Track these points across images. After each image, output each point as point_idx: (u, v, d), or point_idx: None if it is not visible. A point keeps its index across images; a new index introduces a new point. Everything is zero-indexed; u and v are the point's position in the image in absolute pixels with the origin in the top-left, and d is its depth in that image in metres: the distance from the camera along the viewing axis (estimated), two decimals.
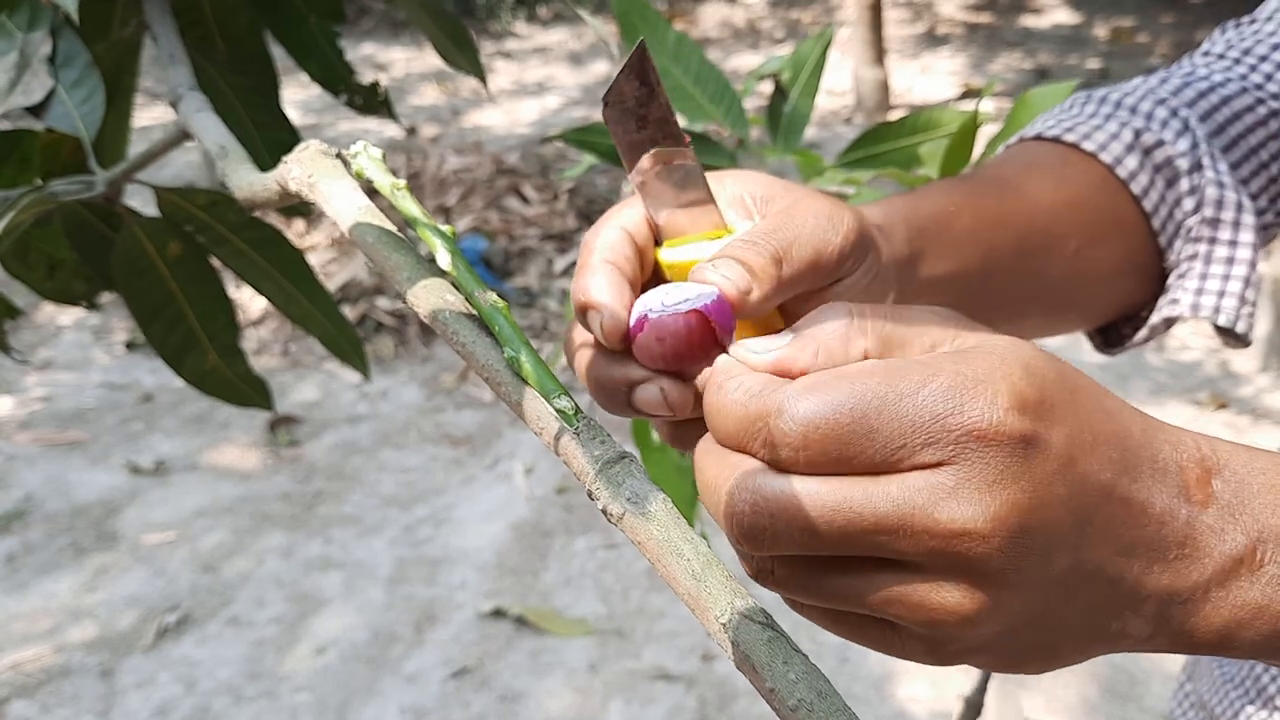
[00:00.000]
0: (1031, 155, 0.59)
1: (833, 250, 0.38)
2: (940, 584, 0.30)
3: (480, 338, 0.36)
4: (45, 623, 2.30)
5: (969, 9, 7.61)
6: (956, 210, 0.51)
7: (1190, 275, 0.58)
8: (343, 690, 2.11)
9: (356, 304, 3.47)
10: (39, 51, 0.61)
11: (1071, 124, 0.60)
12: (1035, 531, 0.30)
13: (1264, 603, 0.33)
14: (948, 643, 0.32)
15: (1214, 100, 0.60)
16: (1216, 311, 0.57)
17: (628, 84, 0.38)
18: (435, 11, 0.77)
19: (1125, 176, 0.57)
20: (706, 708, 2.04)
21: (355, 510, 2.66)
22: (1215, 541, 0.32)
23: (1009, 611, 0.31)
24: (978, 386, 0.30)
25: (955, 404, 0.30)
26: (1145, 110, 0.60)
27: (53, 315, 3.63)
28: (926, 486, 0.29)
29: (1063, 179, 0.57)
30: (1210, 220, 0.57)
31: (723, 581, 0.30)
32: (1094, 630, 0.33)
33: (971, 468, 0.29)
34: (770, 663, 0.28)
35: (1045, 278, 0.55)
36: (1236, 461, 0.34)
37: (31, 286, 0.74)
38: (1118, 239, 0.58)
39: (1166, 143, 0.58)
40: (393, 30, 7.55)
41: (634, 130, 0.39)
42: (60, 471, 2.82)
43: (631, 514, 0.31)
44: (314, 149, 0.42)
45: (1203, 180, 0.57)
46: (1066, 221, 0.55)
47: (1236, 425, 2.87)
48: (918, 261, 0.47)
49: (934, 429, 0.29)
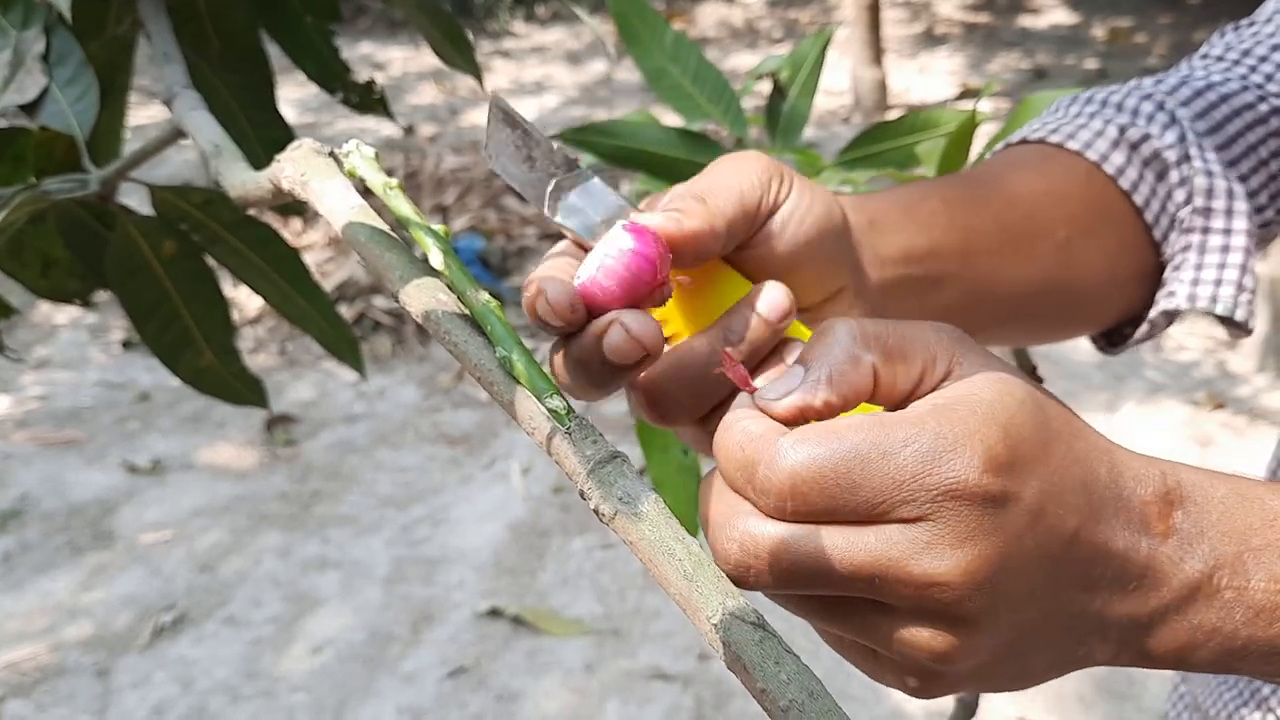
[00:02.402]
0: (1012, 156, 0.59)
1: (751, 182, 0.40)
2: (915, 626, 0.32)
3: (473, 337, 0.35)
4: (41, 622, 2.30)
5: (967, 9, 7.61)
6: (920, 197, 0.51)
7: (1185, 266, 0.57)
8: (340, 690, 2.11)
9: (353, 303, 3.47)
10: (33, 49, 0.61)
11: (1056, 125, 0.60)
12: (1005, 581, 0.32)
13: (1219, 624, 0.35)
14: (923, 676, 0.34)
15: (1211, 98, 0.60)
16: (1214, 301, 0.56)
17: (499, 134, 0.40)
18: (432, 10, 0.77)
19: (1113, 172, 0.57)
20: (703, 707, 2.04)
21: (352, 510, 2.66)
22: (1174, 570, 0.35)
23: (981, 650, 0.33)
24: (955, 448, 0.32)
25: (933, 464, 0.31)
26: (1130, 106, 0.59)
27: (49, 314, 3.62)
28: (903, 540, 0.31)
29: (1043, 172, 0.57)
30: (1202, 210, 0.57)
31: (714, 582, 0.30)
32: (1062, 656, 0.35)
33: (945, 524, 0.31)
34: (762, 663, 0.28)
35: (1037, 268, 0.55)
36: (1198, 492, 0.36)
37: (26, 285, 0.74)
38: (1110, 233, 0.57)
39: (1153, 136, 0.57)
40: (390, 29, 7.54)
41: (527, 172, 0.40)
42: (56, 470, 2.82)
43: (623, 514, 0.31)
44: (307, 148, 0.41)
45: (1192, 170, 0.57)
46: (1050, 212, 0.55)
47: (1234, 425, 2.88)
48: (877, 231, 0.47)
49: (913, 486, 0.31)
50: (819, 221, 0.42)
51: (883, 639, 0.33)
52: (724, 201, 0.39)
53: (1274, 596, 0.35)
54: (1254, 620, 0.35)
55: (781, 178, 0.42)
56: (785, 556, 0.32)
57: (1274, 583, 0.35)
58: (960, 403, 0.33)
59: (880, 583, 0.32)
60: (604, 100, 6.05)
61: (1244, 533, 0.36)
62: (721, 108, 1.03)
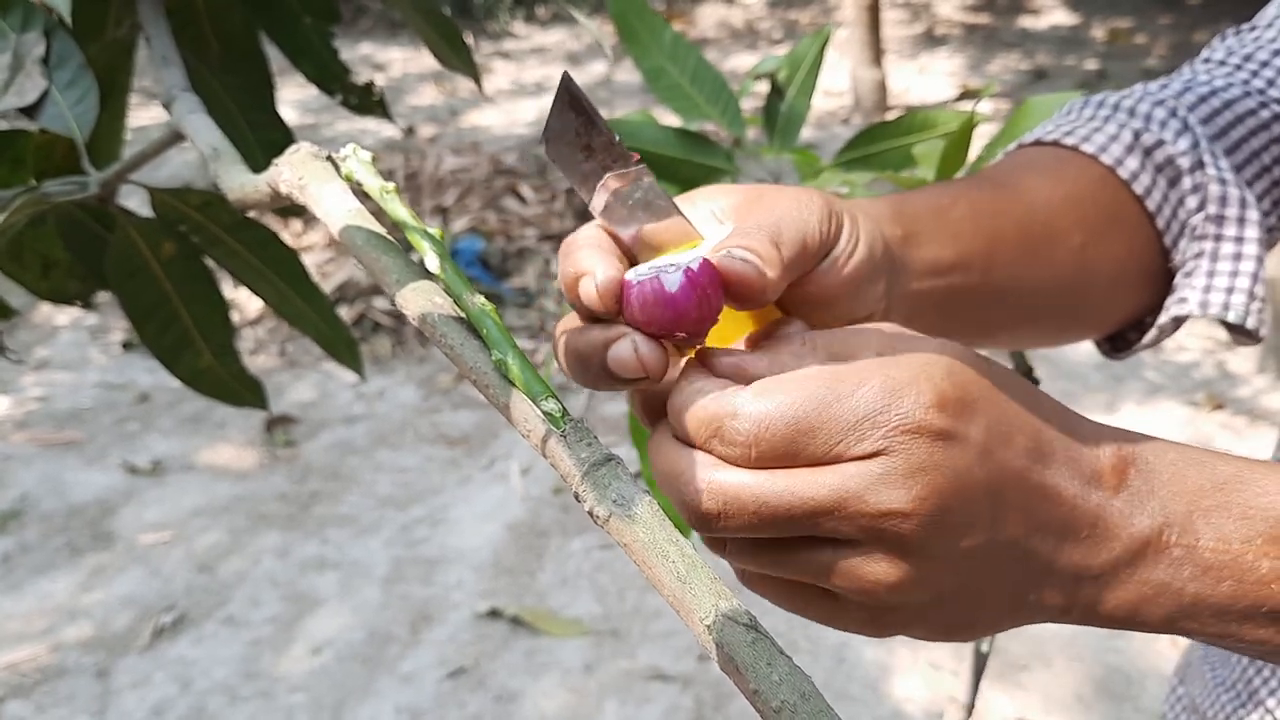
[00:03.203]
0: (1028, 157, 0.59)
1: (813, 226, 0.41)
2: (871, 556, 0.35)
3: (469, 340, 0.36)
4: (41, 623, 2.30)
5: (967, 10, 7.61)
6: (950, 201, 0.51)
7: (1197, 273, 0.57)
8: (338, 690, 2.11)
9: (353, 304, 3.47)
10: (33, 52, 0.61)
11: (1070, 128, 0.60)
12: (952, 510, 0.34)
13: (1168, 581, 0.37)
14: (882, 611, 0.36)
15: (1215, 104, 0.60)
16: (1225, 308, 0.56)
17: (563, 117, 0.38)
18: (429, 12, 0.77)
19: (1127, 177, 0.57)
20: (702, 708, 2.04)
21: (351, 510, 2.66)
22: (1124, 525, 0.37)
23: (933, 581, 0.35)
24: (904, 388, 0.34)
25: (884, 404, 0.34)
26: (1144, 111, 0.60)
27: (50, 315, 3.62)
28: (859, 474, 0.34)
29: (1061, 177, 0.57)
30: (1214, 217, 0.57)
31: (707, 584, 0.30)
32: (1013, 601, 0.37)
33: (897, 457, 0.34)
34: (754, 664, 0.28)
35: (1052, 274, 0.55)
36: (1150, 453, 0.38)
37: (26, 286, 0.74)
38: (1121, 237, 0.57)
39: (1167, 142, 0.57)
40: (390, 30, 7.54)
41: (582, 161, 0.39)
42: (56, 471, 2.82)
43: (617, 516, 0.31)
44: (305, 151, 0.42)
45: (1205, 178, 0.57)
46: (1067, 217, 0.55)
47: (1233, 426, 2.88)
48: (912, 244, 0.48)
49: (865, 426, 0.34)
50: (861, 263, 0.42)
51: (841, 574, 0.35)
52: (794, 249, 0.39)
53: (1221, 555, 0.37)
54: (1202, 578, 0.37)
55: (833, 217, 0.42)
56: (752, 500, 0.34)
57: (1222, 542, 0.37)
58: (906, 355, 0.36)
59: (840, 515, 0.34)
60: (604, 101, 6.05)
61: (1194, 494, 0.37)
62: (719, 108, 1.03)
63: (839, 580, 0.35)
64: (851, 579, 0.35)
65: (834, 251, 0.42)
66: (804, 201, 0.41)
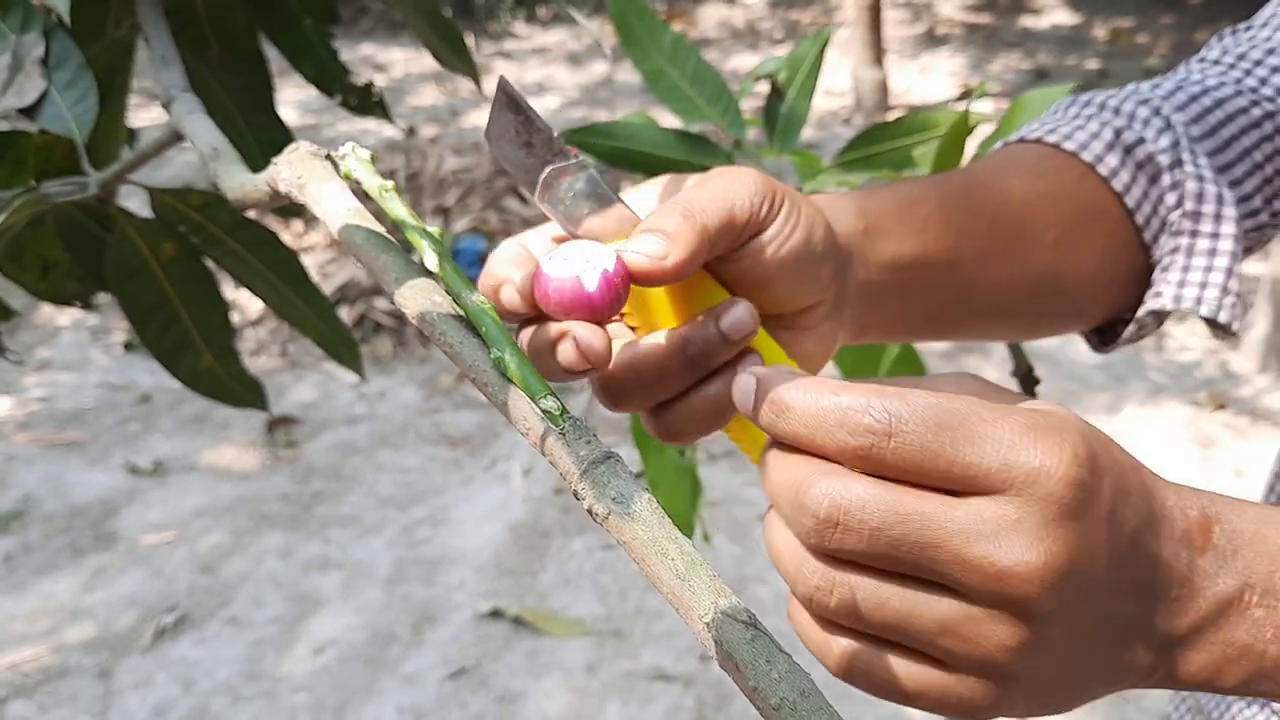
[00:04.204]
0: (1008, 154, 0.60)
1: (743, 200, 0.41)
2: (992, 613, 0.32)
3: (468, 338, 0.36)
4: (43, 623, 2.30)
5: (968, 9, 7.61)
6: (918, 196, 0.52)
7: (1173, 268, 0.58)
8: (341, 691, 2.12)
9: (354, 304, 3.47)
10: (32, 53, 0.61)
11: (1053, 125, 0.60)
12: (1078, 574, 0.32)
13: (1250, 642, 0.36)
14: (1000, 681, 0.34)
15: (1207, 103, 0.61)
16: (1198, 303, 0.57)
17: (503, 117, 0.41)
18: (428, 13, 0.77)
19: (1106, 174, 0.58)
20: (704, 708, 2.04)
21: (353, 511, 2.66)
22: (1209, 585, 0.36)
23: (1047, 646, 0.33)
24: (1050, 432, 0.32)
25: (1030, 441, 0.32)
26: (1128, 110, 0.60)
27: (51, 315, 3.63)
28: (992, 517, 0.32)
29: (1039, 173, 0.58)
30: (1191, 214, 0.58)
31: (707, 581, 0.30)
32: (1110, 666, 0.36)
33: (1034, 506, 0.32)
34: (753, 662, 0.28)
35: (1024, 269, 0.55)
36: (1230, 512, 0.37)
37: (25, 287, 0.74)
38: (1098, 233, 0.58)
39: (1147, 140, 0.58)
40: (391, 31, 7.55)
41: (524, 158, 0.41)
42: (58, 472, 2.82)
43: (616, 514, 0.31)
44: (304, 150, 0.42)
45: (1183, 175, 0.58)
46: (1042, 213, 0.56)
47: (1235, 426, 2.87)
48: (873, 237, 0.48)
49: (1009, 458, 0.32)
50: (798, 246, 0.42)
51: (957, 632, 0.33)
52: (712, 217, 0.40)
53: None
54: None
55: (773, 197, 0.42)
56: (877, 511, 0.32)
57: None
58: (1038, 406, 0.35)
59: (966, 557, 0.32)
60: (605, 101, 6.05)
61: (1275, 553, 0.36)
62: (720, 109, 1.03)
63: (953, 642, 0.33)
64: (969, 639, 0.33)
65: (769, 231, 0.42)
66: (738, 178, 0.42)
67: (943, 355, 3.22)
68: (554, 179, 0.41)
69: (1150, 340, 3.31)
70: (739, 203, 0.41)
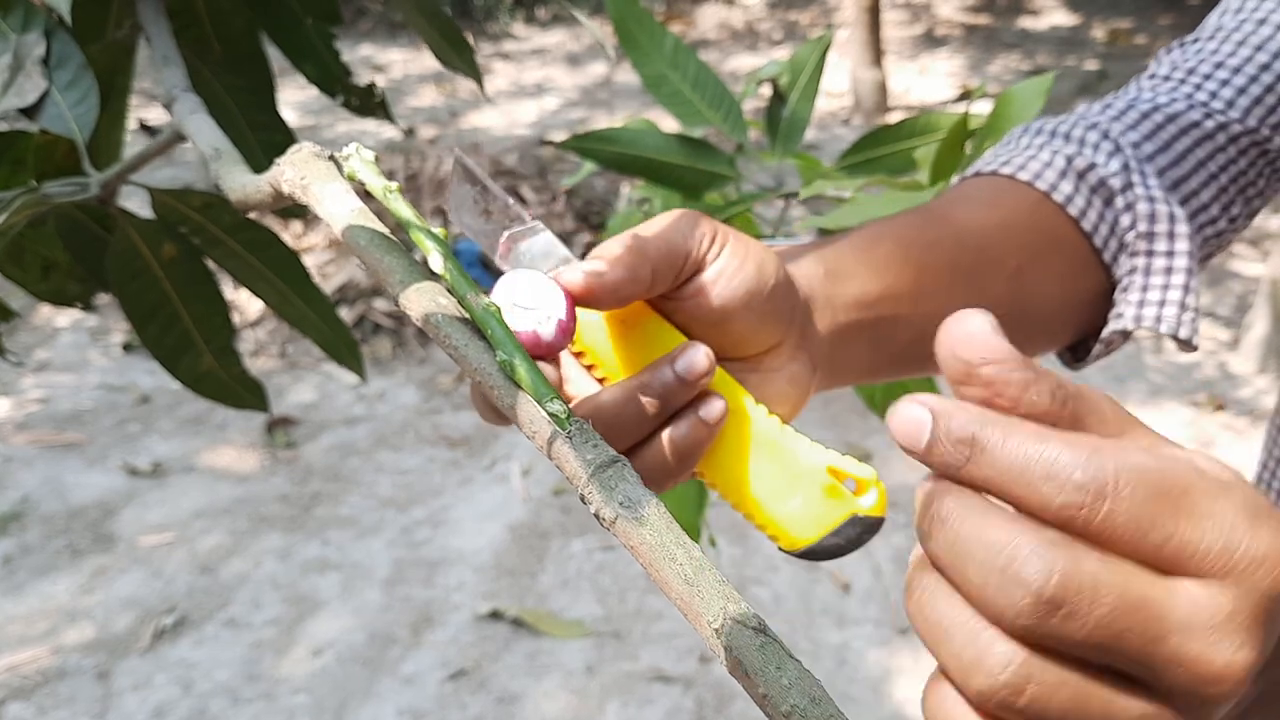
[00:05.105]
0: (965, 189, 0.62)
1: (683, 234, 0.42)
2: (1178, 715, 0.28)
3: (473, 341, 0.35)
4: (42, 624, 2.30)
5: (967, 10, 7.61)
6: (876, 238, 0.53)
7: (1132, 289, 0.60)
8: (340, 692, 2.11)
9: (354, 305, 3.47)
10: (33, 53, 0.61)
11: (1008, 157, 0.62)
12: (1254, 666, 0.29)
13: None
14: None
15: (1159, 119, 0.63)
16: (1158, 321, 0.59)
17: (460, 189, 0.43)
18: (430, 13, 0.77)
19: (1062, 201, 0.59)
20: (704, 709, 2.03)
21: (353, 512, 2.66)
22: None
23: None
24: (1267, 515, 0.28)
25: (1252, 524, 0.28)
26: (1077, 136, 0.62)
27: (50, 316, 3.62)
28: (1209, 608, 0.27)
29: (994, 204, 0.59)
30: (1145, 234, 0.59)
31: (716, 586, 0.30)
32: None
33: (1249, 597, 0.28)
34: (763, 668, 0.28)
35: (987, 299, 0.56)
36: None
37: (26, 288, 0.74)
38: (1058, 258, 0.59)
39: (1098, 165, 0.60)
40: (391, 32, 7.54)
41: (483, 225, 0.43)
42: (57, 473, 2.82)
43: (624, 519, 0.31)
44: (307, 151, 0.41)
45: (1134, 196, 0.60)
46: (1001, 243, 0.57)
47: (1234, 427, 2.87)
48: (836, 280, 0.49)
49: (1232, 540, 0.27)
50: (749, 281, 0.43)
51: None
52: (652, 245, 0.41)
53: None
54: None
55: (715, 236, 0.43)
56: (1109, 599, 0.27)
57: None
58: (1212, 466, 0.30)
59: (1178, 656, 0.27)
60: (604, 102, 6.05)
61: None
62: (721, 113, 1.03)
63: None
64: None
65: (714, 267, 0.43)
66: (682, 217, 0.43)
67: None
68: (512, 242, 0.43)
69: (1150, 342, 3.31)
70: (678, 236, 0.42)
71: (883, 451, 2.77)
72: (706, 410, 0.41)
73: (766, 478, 0.43)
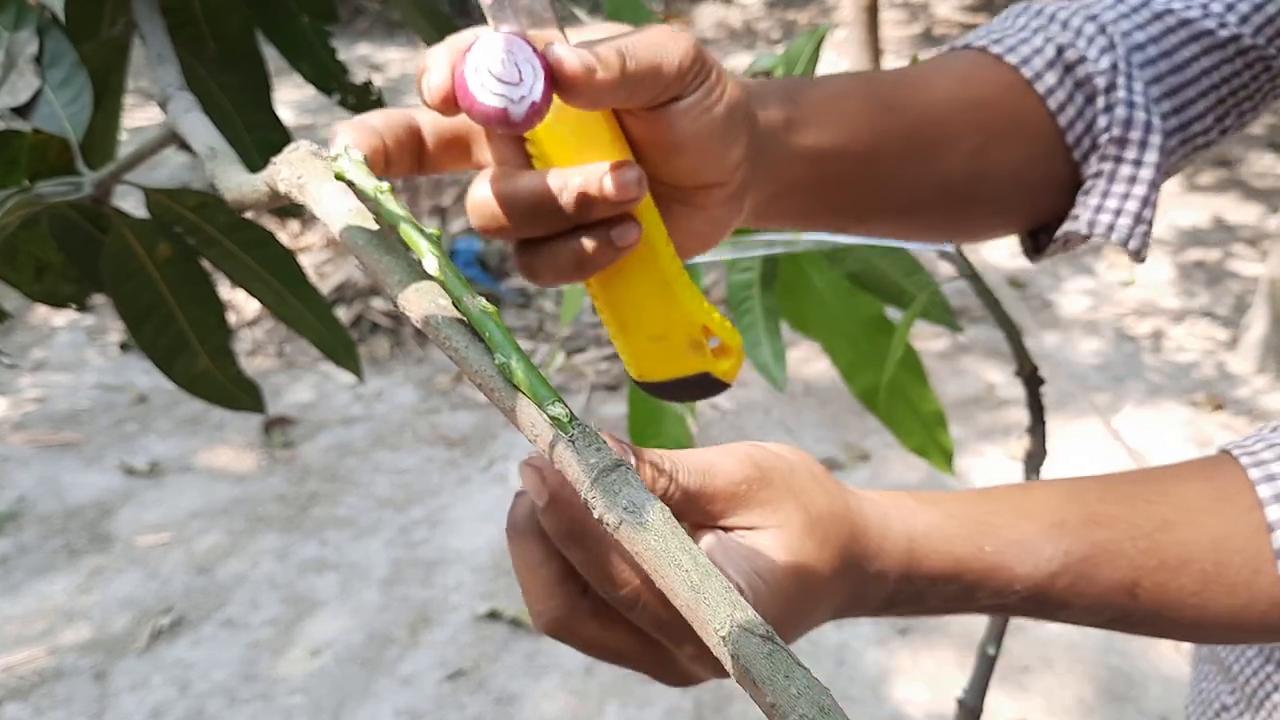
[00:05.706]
0: (946, 60, 0.61)
1: (672, 55, 0.40)
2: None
3: (473, 343, 0.35)
4: (39, 625, 2.29)
5: (965, 10, 7.61)
6: (845, 91, 0.52)
7: (1093, 193, 0.59)
8: (338, 692, 2.11)
9: (351, 305, 3.46)
10: (25, 51, 0.60)
11: (1000, 35, 0.61)
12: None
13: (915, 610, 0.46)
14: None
15: (1170, 23, 0.62)
16: (1110, 229, 0.58)
17: None
18: (429, 11, 0.77)
19: (1043, 91, 0.58)
20: (703, 710, 2.03)
21: (350, 512, 2.65)
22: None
23: None
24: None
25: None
26: (1075, 25, 0.61)
27: (46, 316, 3.61)
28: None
29: (968, 79, 0.58)
30: (1118, 139, 0.59)
31: (722, 593, 0.29)
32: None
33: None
34: (771, 676, 0.27)
35: (940, 172, 0.56)
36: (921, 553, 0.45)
37: (19, 289, 0.73)
38: (1023, 143, 0.59)
39: (1088, 60, 0.59)
40: (388, 30, 7.53)
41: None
42: (54, 473, 2.81)
43: (628, 524, 0.30)
44: (304, 150, 0.41)
45: (1115, 99, 0.59)
46: (965, 119, 0.57)
47: (1234, 427, 2.87)
48: (795, 128, 0.48)
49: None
50: (715, 124, 0.42)
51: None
52: (641, 66, 0.39)
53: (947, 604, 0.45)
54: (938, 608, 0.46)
55: (703, 65, 0.42)
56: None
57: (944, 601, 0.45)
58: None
59: None
60: None
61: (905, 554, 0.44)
62: None
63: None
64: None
65: (690, 98, 0.41)
66: (675, 37, 0.41)
67: (942, 356, 3.22)
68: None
69: (1149, 341, 3.31)
70: (669, 57, 0.40)
71: (881, 451, 2.77)
72: (620, 234, 0.41)
73: (645, 310, 0.44)
